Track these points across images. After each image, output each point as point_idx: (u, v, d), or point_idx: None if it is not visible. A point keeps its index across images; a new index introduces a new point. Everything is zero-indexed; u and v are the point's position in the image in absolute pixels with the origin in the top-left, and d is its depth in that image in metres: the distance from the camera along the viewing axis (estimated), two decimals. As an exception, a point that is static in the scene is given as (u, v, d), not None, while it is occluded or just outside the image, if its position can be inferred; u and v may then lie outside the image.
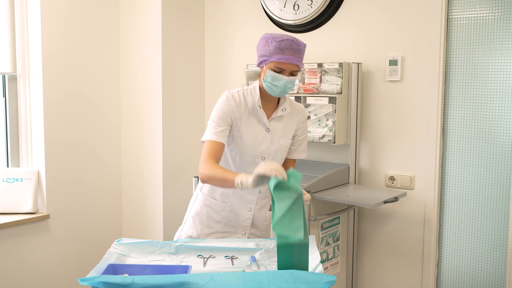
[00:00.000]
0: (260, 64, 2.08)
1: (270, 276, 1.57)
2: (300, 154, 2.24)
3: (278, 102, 2.17)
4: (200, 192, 2.26)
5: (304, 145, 2.25)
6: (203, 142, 2.06)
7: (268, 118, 2.13)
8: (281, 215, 1.64)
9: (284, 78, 2.00)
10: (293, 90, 3.01)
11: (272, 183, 1.69)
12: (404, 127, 2.88)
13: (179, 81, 3.45)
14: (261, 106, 2.11)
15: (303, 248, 1.68)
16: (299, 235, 1.63)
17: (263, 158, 2.13)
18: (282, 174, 1.70)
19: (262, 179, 1.76)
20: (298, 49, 2.00)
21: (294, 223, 1.65)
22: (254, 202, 2.19)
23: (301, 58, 2.04)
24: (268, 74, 2.01)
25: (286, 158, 2.23)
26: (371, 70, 2.96)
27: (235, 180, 1.83)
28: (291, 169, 1.75)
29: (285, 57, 1.98)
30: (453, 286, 2.85)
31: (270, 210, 2.27)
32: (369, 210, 3.02)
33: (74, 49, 3.24)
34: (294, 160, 2.26)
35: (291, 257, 1.68)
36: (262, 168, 1.73)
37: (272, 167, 1.71)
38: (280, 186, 1.69)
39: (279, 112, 2.13)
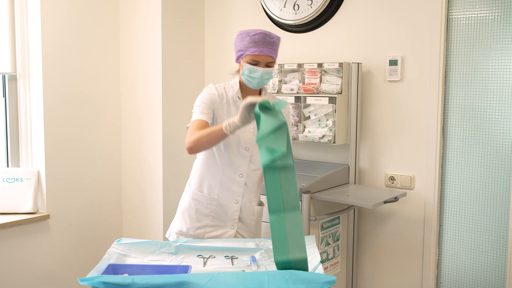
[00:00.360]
0: (237, 59, 2.17)
1: (270, 276, 1.57)
2: None
3: (260, 95, 2.24)
4: (189, 187, 2.31)
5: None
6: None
7: None
8: (267, 131, 1.70)
9: (259, 70, 2.10)
10: (293, 90, 3.01)
11: (258, 106, 1.78)
12: (404, 127, 2.88)
13: (179, 81, 3.45)
14: (240, 97, 2.20)
15: (290, 171, 1.72)
16: (283, 148, 1.67)
17: (246, 149, 2.19)
18: (268, 100, 1.80)
19: (249, 111, 1.85)
20: (271, 42, 2.11)
21: (278, 140, 1.71)
22: (240, 194, 2.22)
23: (275, 50, 2.14)
24: (245, 67, 2.12)
25: None
26: (371, 70, 2.96)
27: (222, 126, 1.92)
28: (277, 99, 1.89)
29: (259, 50, 2.09)
30: (453, 286, 2.85)
31: (258, 205, 2.32)
32: (369, 210, 3.02)
33: (74, 49, 3.24)
34: None
35: (279, 180, 1.71)
36: (248, 99, 1.83)
37: (257, 97, 1.82)
38: (266, 108, 1.78)
39: None
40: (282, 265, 1.68)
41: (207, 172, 2.23)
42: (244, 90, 2.22)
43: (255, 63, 2.11)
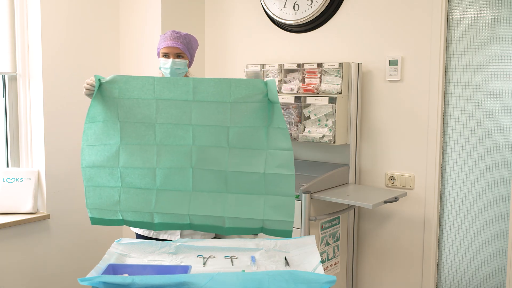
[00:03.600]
0: (158, 56, 2.41)
1: (270, 276, 1.57)
2: None
3: None
4: None
5: None
6: None
7: None
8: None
9: (169, 60, 2.33)
10: (293, 90, 3.01)
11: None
12: (404, 127, 2.88)
13: (179, 81, 3.45)
14: None
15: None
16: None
17: None
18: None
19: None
20: (177, 36, 2.35)
21: None
22: None
23: (183, 43, 2.35)
24: (160, 61, 2.37)
25: None
26: (371, 70, 2.96)
27: None
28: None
29: (166, 43, 2.35)
30: (453, 286, 2.85)
31: None
32: (369, 210, 3.02)
33: (74, 49, 3.24)
34: None
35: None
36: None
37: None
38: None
39: None
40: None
41: None
42: None
43: (165, 55, 2.36)
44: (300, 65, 3.03)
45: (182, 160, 2.00)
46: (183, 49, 2.36)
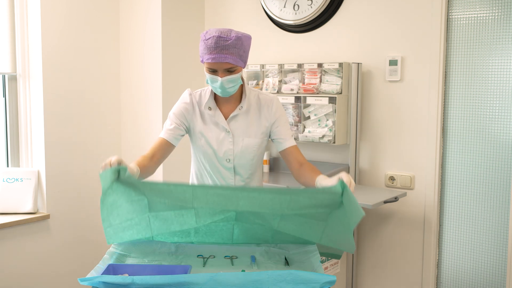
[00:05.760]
0: (202, 61, 1.99)
1: (270, 276, 1.57)
2: (290, 142, 2.09)
3: (240, 101, 2.08)
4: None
5: (288, 132, 2.10)
6: None
7: (227, 118, 2.06)
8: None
9: (218, 79, 1.92)
10: (293, 90, 3.01)
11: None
12: (404, 127, 2.88)
13: (179, 81, 3.45)
14: (211, 107, 2.05)
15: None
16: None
17: (228, 161, 2.07)
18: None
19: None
20: (225, 46, 1.87)
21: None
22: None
23: (233, 53, 1.88)
24: (207, 76, 1.96)
25: (285, 151, 2.09)
26: (371, 70, 2.96)
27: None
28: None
29: (211, 57, 1.88)
30: (453, 286, 2.85)
31: None
32: (369, 210, 3.02)
33: (74, 49, 3.24)
34: (294, 146, 2.10)
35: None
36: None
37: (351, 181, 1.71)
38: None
39: (236, 111, 2.05)
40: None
41: (200, 178, 2.17)
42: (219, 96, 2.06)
43: (212, 71, 1.93)
44: (300, 65, 3.03)
45: (224, 236, 1.86)
46: (234, 62, 1.90)
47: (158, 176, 3.39)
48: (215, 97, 2.08)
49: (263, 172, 2.23)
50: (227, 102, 2.07)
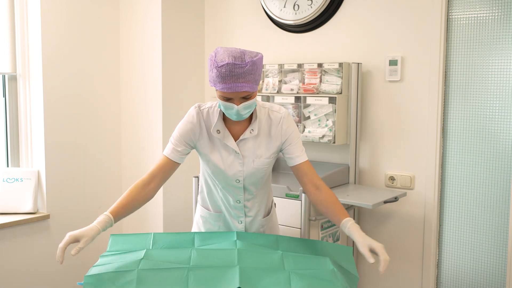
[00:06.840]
0: (210, 84, 1.87)
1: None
2: (301, 158, 2.01)
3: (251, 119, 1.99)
4: (198, 203, 2.24)
5: (299, 148, 2.02)
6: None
7: (236, 140, 1.97)
8: None
9: (234, 107, 1.81)
10: (293, 90, 3.01)
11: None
12: (404, 127, 2.88)
13: (179, 81, 3.45)
14: (220, 130, 1.95)
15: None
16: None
17: (237, 181, 2.00)
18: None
19: None
20: (241, 73, 1.75)
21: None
22: (242, 215, 2.09)
23: (249, 80, 1.78)
24: (219, 102, 1.86)
25: (296, 167, 2.01)
26: (371, 70, 2.96)
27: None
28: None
29: (227, 86, 1.76)
30: (453, 286, 2.85)
31: (263, 217, 2.14)
32: (369, 210, 3.02)
33: (74, 49, 3.25)
34: (306, 163, 2.02)
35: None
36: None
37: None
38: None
39: (246, 134, 1.96)
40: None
41: (210, 194, 2.12)
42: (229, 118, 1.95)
43: (227, 99, 1.81)
44: (300, 65, 3.03)
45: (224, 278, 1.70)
46: (251, 89, 1.79)
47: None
48: (224, 116, 1.98)
49: (271, 179, 2.21)
50: (237, 122, 1.97)
